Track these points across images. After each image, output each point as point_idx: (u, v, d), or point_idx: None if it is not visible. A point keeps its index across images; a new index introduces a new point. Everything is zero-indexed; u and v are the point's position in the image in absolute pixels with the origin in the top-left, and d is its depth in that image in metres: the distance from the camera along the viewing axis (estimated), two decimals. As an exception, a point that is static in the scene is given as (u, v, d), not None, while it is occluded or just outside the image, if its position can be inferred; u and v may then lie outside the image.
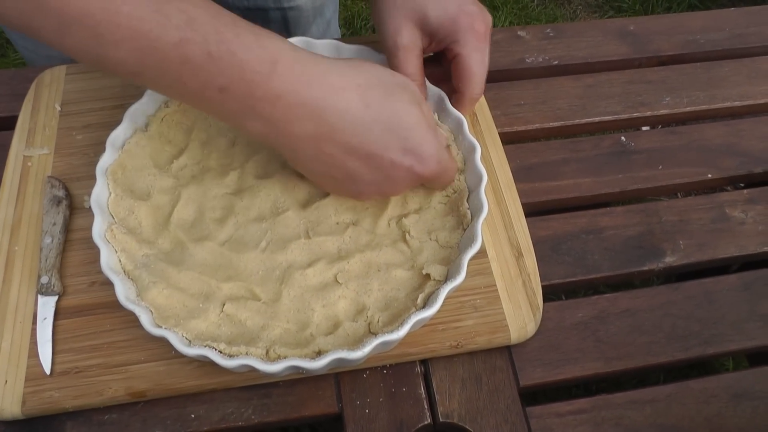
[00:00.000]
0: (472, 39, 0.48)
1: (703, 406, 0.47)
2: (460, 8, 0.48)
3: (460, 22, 0.48)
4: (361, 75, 0.41)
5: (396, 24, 0.48)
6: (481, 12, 0.49)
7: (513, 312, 0.47)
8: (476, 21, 0.48)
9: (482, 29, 0.48)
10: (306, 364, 0.39)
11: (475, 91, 0.50)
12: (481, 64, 0.49)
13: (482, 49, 0.49)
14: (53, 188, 0.49)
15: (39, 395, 0.43)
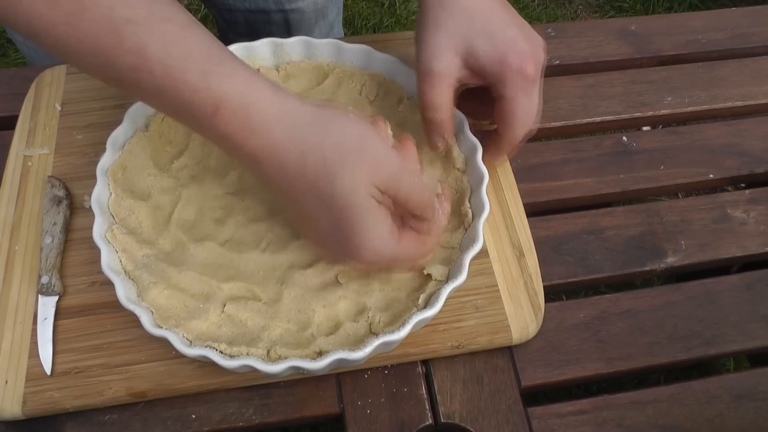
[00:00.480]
0: (520, 81, 0.44)
1: (705, 407, 0.47)
2: (511, 46, 0.44)
3: (510, 61, 0.44)
4: (316, 135, 0.37)
5: (435, 47, 0.45)
6: (533, 51, 0.45)
7: (514, 312, 0.47)
8: (526, 62, 0.44)
9: (532, 71, 0.44)
10: (307, 364, 0.39)
11: (516, 136, 0.46)
12: (526, 109, 0.45)
13: (529, 92, 0.45)
14: (53, 188, 0.49)
15: (39, 395, 0.42)
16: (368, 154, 0.37)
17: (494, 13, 0.45)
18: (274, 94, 0.37)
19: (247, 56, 0.54)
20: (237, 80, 0.36)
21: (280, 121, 0.36)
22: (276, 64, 0.55)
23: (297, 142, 0.36)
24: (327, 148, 0.36)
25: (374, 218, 0.38)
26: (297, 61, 0.55)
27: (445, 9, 0.45)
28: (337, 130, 0.37)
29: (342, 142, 0.37)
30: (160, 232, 0.46)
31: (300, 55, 0.55)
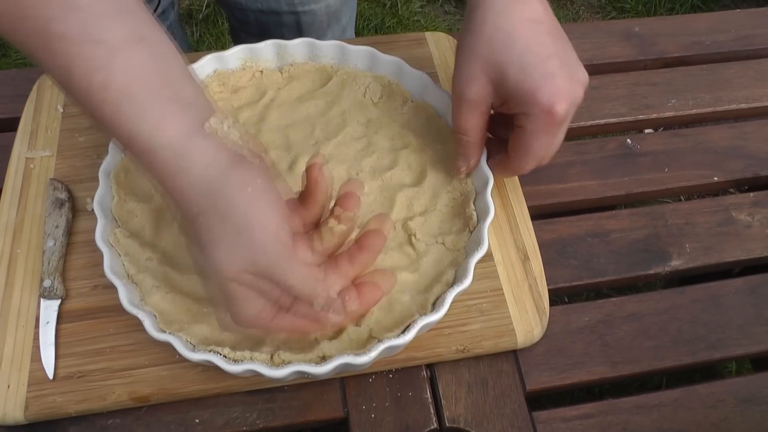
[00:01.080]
0: (545, 118, 0.41)
1: (710, 411, 0.47)
2: (546, 82, 0.40)
3: (540, 98, 0.41)
4: (208, 201, 0.34)
5: (469, 74, 0.43)
6: (569, 89, 0.41)
7: (519, 316, 0.47)
8: (558, 101, 0.41)
9: (562, 111, 0.41)
10: (312, 369, 0.39)
11: (525, 167, 0.45)
12: (543, 147, 0.43)
13: (552, 133, 0.42)
14: (56, 190, 0.49)
15: (42, 400, 0.42)
16: (244, 242, 0.34)
17: (537, 42, 0.42)
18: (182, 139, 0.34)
19: (251, 58, 0.53)
20: (147, 122, 0.34)
21: (182, 174, 0.34)
22: (279, 66, 0.54)
23: (192, 200, 0.35)
24: (212, 222, 0.34)
25: (240, 299, 0.36)
26: (301, 62, 0.54)
27: (485, 33, 0.42)
28: (224, 206, 0.34)
29: (227, 219, 0.34)
30: (163, 235, 0.46)
31: (304, 57, 0.54)
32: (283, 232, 0.35)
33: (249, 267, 0.35)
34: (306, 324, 0.38)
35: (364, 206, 0.48)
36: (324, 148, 0.51)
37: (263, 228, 0.34)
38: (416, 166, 0.50)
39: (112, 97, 0.33)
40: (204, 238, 0.35)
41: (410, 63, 0.53)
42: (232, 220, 0.34)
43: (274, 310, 0.37)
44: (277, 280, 0.35)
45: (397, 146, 0.51)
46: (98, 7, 0.33)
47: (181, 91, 0.35)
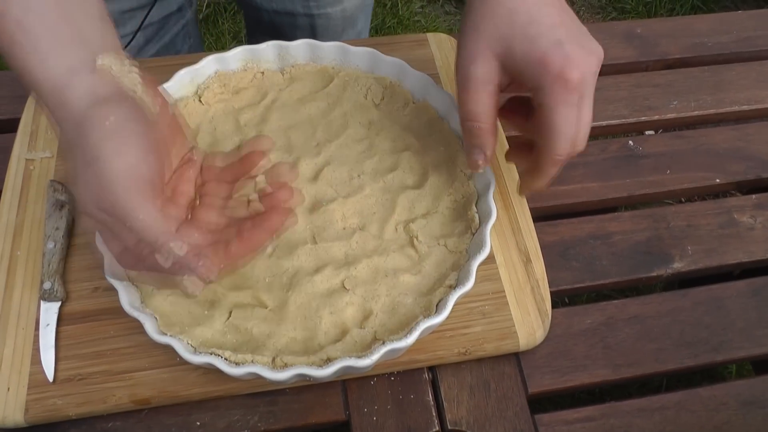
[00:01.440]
0: (560, 87, 0.39)
1: (713, 414, 0.47)
2: (554, 49, 0.38)
3: (549, 64, 0.38)
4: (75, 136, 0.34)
5: (473, 51, 0.41)
6: (581, 57, 0.39)
7: (521, 318, 0.47)
8: (569, 66, 0.38)
9: (575, 77, 0.38)
10: (313, 372, 0.39)
11: (556, 151, 0.41)
12: (568, 121, 0.40)
13: (572, 102, 0.39)
14: (56, 192, 0.49)
15: (42, 403, 0.42)
16: (97, 181, 0.34)
17: (542, 13, 0.40)
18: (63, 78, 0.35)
19: (252, 59, 0.53)
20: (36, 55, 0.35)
21: (59, 108, 0.35)
22: (281, 67, 0.54)
23: (63, 137, 0.35)
24: (76, 158, 0.35)
25: (102, 236, 0.37)
26: (302, 63, 0.54)
27: (487, 10, 0.40)
28: (83, 143, 0.34)
29: (85, 156, 0.34)
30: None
31: (305, 58, 0.54)
32: (135, 171, 0.34)
33: (97, 203, 0.34)
34: (164, 277, 0.37)
35: (366, 208, 0.48)
36: (325, 149, 0.50)
37: (109, 163, 0.34)
38: (418, 168, 0.50)
39: (9, 28, 0.34)
40: (72, 176, 0.35)
41: (412, 64, 0.53)
42: (85, 153, 0.34)
43: (134, 255, 0.36)
44: (121, 221, 0.34)
45: (398, 148, 0.51)
46: None
47: (81, 28, 0.36)
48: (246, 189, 0.41)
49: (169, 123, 0.39)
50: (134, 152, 0.35)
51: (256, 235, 0.38)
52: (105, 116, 0.34)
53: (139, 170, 0.35)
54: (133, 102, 0.36)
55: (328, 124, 0.52)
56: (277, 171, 0.41)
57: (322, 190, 0.48)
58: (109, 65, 0.36)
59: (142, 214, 0.34)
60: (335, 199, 0.48)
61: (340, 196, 0.48)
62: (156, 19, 0.67)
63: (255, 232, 0.38)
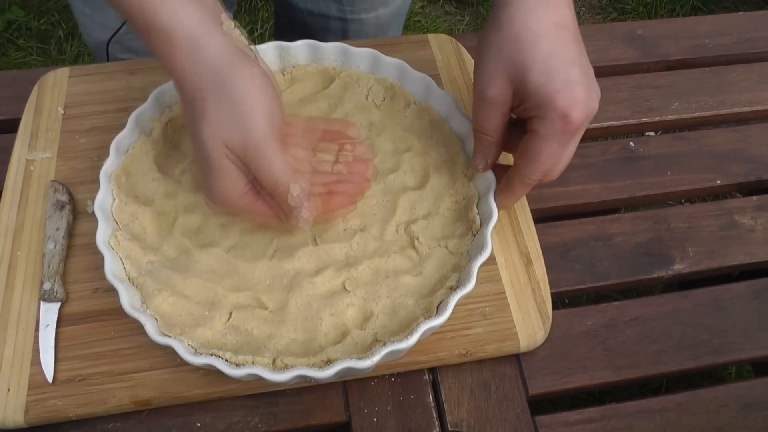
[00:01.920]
0: (559, 125, 0.40)
1: (714, 416, 0.47)
2: (566, 88, 0.40)
3: (558, 102, 0.40)
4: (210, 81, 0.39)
5: (490, 74, 0.42)
6: (587, 100, 0.41)
7: (522, 320, 0.47)
8: (575, 108, 0.40)
9: (577, 120, 0.40)
10: (314, 373, 0.39)
11: (530, 176, 0.43)
12: (553, 155, 0.42)
13: (564, 142, 0.42)
14: (56, 192, 0.49)
15: (42, 404, 0.42)
16: (235, 119, 0.39)
17: (563, 48, 0.41)
18: (200, 28, 0.39)
19: (253, 60, 0.53)
20: (165, 7, 0.39)
21: (192, 52, 0.39)
22: (282, 68, 0.54)
23: (196, 78, 0.39)
24: (210, 97, 0.39)
25: (223, 175, 0.41)
26: (303, 64, 0.54)
27: (511, 32, 0.41)
28: (226, 86, 0.39)
29: (223, 98, 0.39)
30: (164, 238, 0.46)
31: (306, 59, 0.54)
32: (273, 120, 0.40)
33: (231, 144, 0.39)
34: (272, 213, 0.43)
35: (367, 209, 0.48)
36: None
37: (258, 114, 0.39)
38: (419, 169, 0.50)
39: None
40: (198, 113, 0.39)
41: (413, 65, 0.53)
42: (226, 102, 0.39)
43: (250, 191, 0.42)
44: (250, 161, 0.40)
45: (399, 149, 0.51)
46: None
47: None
48: (326, 155, 0.46)
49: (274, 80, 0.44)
50: (272, 105, 0.40)
51: (343, 197, 0.45)
52: (253, 75, 0.40)
53: (275, 120, 0.40)
54: (259, 61, 0.42)
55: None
56: (358, 148, 0.47)
57: (322, 191, 0.48)
58: (230, 26, 0.41)
59: (275, 156, 0.40)
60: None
61: (341, 197, 0.48)
62: None
63: (340, 196, 0.45)
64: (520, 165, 0.44)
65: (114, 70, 0.57)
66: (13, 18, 1.42)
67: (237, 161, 0.40)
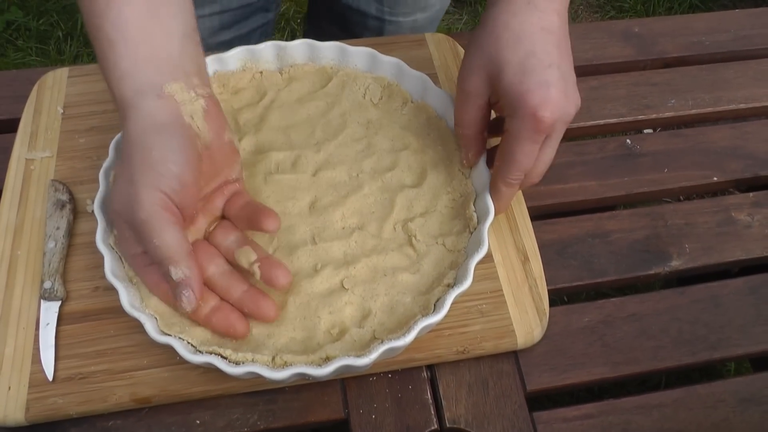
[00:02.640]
0: (530, 123, 0.41)
1: (711, 411, 0.47)
2: (539, 88, 0.40)
3: (528, 100, 0.40)
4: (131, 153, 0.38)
5: (471, 66, 0.44)
6: (561, 103, 0.41)
7: (519, 317, 0.47)
8: (546, 108, 0.40)
9: (548, 119, 0.40)
10: (312, 371, 0.39)
11: (508, 176, 0.43)
12: (527, 154, 0.42)
13: (536, 141, 0.42)
14: (57, 192, 0.49)
15: (43, 402, 0.42)
16: (126, 192, 0.38)
17: (543, 50, 0.42)
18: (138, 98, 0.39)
19: (251, 59, 0.53)
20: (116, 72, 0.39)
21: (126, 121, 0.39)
22: (279, 67, 0.54)
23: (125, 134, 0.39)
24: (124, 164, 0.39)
25: (119, 233, 0.41)
26: (300, 63, 0.54)
27: (494, 31, 0.43)
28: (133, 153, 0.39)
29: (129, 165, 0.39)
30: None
31: (303, 58, 0.54)
32: (163, 203, 0.38)
33: (125, 216, 0.39)
34: (156, 283, 0.41)
35: (364, 207, 0.48)
36: (324, 149, 0.51)
37: (143, 190, 0.38)
38: (416, 167, 0.50)
39: (102, 40, 0.39)
40: (116, 176, 0.41)
41: (410, 64, 0.53)
42: (127, 170, 0.39)
43: (141, 255, 0.40)
44: (138, 231, 0.38)
45: (397, 147, 0.51)
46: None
47: (160, 48, 0.39)
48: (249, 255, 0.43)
49: (222, 148, 0.42)
50: (168, 183, 0.38)
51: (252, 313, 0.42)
52: (152, 145, 0.38)
53: (166, 201, 0.38)
54: (188, 129, 0.39)
55: (327, 123, 0.52)
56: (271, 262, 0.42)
57: (321, 189, 0.49)
58: (173, 93, 0.39)
59: (168, 234, 0.38)
60: (334, 199, 0.48)
61: (340, 195, 0.48)
62: (235, 5, 0.69)
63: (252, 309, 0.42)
64: (499, 166, 0.45)
65: (113, 70, 0.57)
66: (12, 18, 1.43)
67: (132, 232, 0.39)
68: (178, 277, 0.38)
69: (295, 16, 1.52)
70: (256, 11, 0.73)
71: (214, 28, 0.70)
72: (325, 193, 0.48)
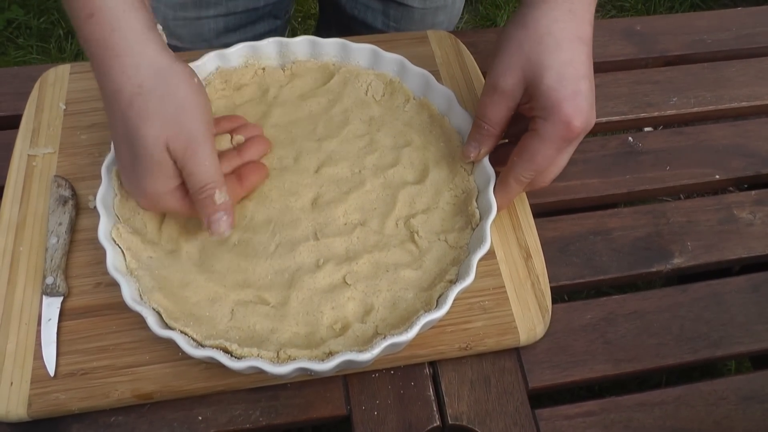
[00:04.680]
0: (561, 130, 0.43)
1: (712, 409, 0.47)
2: (573, 97, 0.42)
3: (564, 108, 0.42)
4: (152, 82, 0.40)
5: (507, 66, 0.44)
6: (588, 113, 0.43)
7: (522, 314, 0.47)
8: (578, 118, 0.42)
9: (577, 129, 0.43)
10: (314, 365, 0.39)
11: (522, 174, 0.45)
12: (547, 157, 0.44)
13: (560, 147, 0.44)
14: (59, 188, 0.49)
15: (45, 397, 0.42)
16: (178, 119, 0.41)
17: (578, 59, 0.43)
18: (141, 33, 0.41)
19: (253, 55, 0.53)
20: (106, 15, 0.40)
21: (133, 55, 0.40)
22: (282, 64, 0.54)
23: (137, 79, 0.40)
24: (152, 97, 0.40)
25: (160, 172, 0.41)
26: (303, 60, 0.54)
27: (535, 34, 0.43)
28: (169, 87, 0.41)
29: (166, 98, 0.40)
30: (165, 234, 0.46)
31: (306, 55, 0.54)
32: (210, 124, 0.42)
33: (176, 140, 0.40)
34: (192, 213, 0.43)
35: (367, 204, 0.48)
36: (326, 145, 0.51)
37: (199, 115, 0.41)
38: (418, 163, 0.50)
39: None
40: (139, 113, 0.40)
41: (412, 61, 0.53)
42: (172, 100, 0.40)
43: (179, 189, 0.43)
44: (189, 158, 0.41)
45: (399, 144, 0.51)
46: None
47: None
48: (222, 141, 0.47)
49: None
50: (207, 107, 0.43)
51: (253, 177, 0.47)
52: (190, 75, 0.42)
53: (210, 121, 0.42)
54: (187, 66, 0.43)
55: (329, 120, 0.52)
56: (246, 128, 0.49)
57: (323, 186, 0.49)
58: (161, 32, 0.43)
59: (209, 158, 0.41)
60: (337, 195, 0.48)
61: (342, 191, 0.48)
62: (241, 9, 0.69)
63: (252, 175, 0.47)
64: (516, 162, 0.45)
65: (115, 67, 0.57)
66: (13, 17, 1.43)
67: (172, 160, 0.41)
68: (222, 201, 0.42)
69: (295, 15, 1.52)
70: (263, 17, 0.73)
71: (219, 30, 0.70)
72: (327, 189, 0.48)
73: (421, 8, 0.74)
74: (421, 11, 0.75)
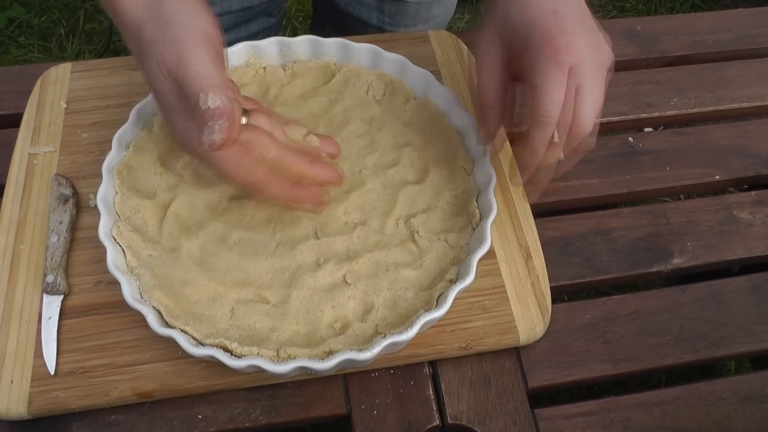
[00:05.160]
0: (551, 66, 0.39)
1: (712, 409, 0.47)
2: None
3: (547, 44, 0.39)
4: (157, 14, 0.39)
5: (482, 38, 0.44)
6: (581, 46, 0.40)
7: (522, 313, 0.47)
8: (566, 52, 0.39)
9: (569, 61, 0.39)
10: (314, 364, 0.39)
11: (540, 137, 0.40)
12: (554, 102, 0.39)
13: (561, 84, 0.39)
14: (60, 186, 0.49)
15: (45, 395, 0.42)
16: (166, 38, 0.38)
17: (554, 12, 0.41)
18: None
19: (254, 54, 0.53)
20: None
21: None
22: (283, 63, 0.54)
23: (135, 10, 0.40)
24: (148, 25, 0.39)
25: (171, 105, 0.40)
26: (304, 59, 0.54)
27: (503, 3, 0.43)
28: (162, 10, 0.39)
29: (158, 22, 0.39)
30: (165, 233, 0.46)
31: (307, 54, 0.54)
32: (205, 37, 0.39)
33: (169, 62, 0.38)
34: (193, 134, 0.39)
35: (367, 203, 0.48)
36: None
37: (188, 26, 0.38)
38: (419, 163, 0.50)
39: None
40: (141, 45, 0.39)
41: (413, 61, 0.53)
42: (163, 22, 0.38)
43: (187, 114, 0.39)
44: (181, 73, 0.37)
45: (399, 144, 0.51)
46: None
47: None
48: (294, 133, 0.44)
49: None
50: (206, 26, 0.40)
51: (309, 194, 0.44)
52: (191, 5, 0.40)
53: (210, 38, 0.39)
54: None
55: (330, 119, 0.52)
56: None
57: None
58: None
59: (199, 60, 0.37)
60: (337, 194, 0.48)
61: (342, 191, 0.48)
62: (236, 8, 0.69)
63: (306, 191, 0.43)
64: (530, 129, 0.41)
65: (116, 66, 0.57)
66: (14, 15, 1.43)
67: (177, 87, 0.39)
68: (217, 105, 0.36)
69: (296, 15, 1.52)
70: (258, 15, 0.73)
71: None
72: (328, 188, 0.48)
73: (416, 2, 0.74)
74: (416, 5, 0.74)
